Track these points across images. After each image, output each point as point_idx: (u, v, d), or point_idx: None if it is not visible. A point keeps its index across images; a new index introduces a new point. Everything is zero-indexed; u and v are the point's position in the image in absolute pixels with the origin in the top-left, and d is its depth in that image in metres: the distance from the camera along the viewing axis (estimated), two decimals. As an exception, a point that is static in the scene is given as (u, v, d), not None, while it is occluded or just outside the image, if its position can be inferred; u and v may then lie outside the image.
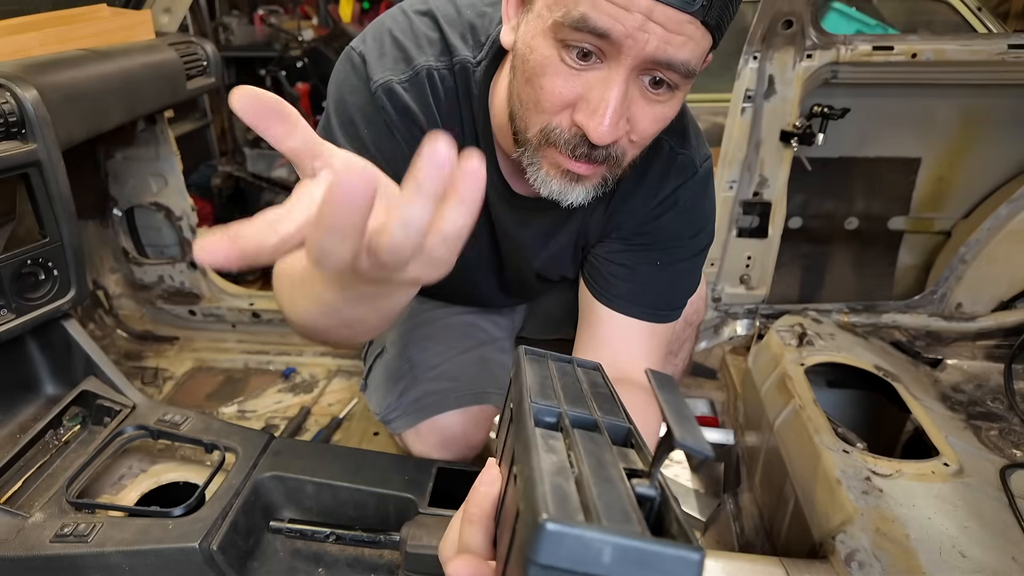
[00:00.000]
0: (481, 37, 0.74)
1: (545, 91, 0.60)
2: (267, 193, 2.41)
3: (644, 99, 0.60)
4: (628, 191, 0.80)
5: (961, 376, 1.44)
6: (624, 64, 0.56)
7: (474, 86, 0.73)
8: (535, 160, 0.66)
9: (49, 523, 0.73)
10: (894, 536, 0.90)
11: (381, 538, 0.75)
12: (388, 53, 0.73)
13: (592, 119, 0.58)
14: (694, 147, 0.80)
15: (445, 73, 0.73)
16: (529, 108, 0.63)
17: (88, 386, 0.94)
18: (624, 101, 0.58)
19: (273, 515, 0.79)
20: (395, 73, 0.72)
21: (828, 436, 1.09)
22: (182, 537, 0.71)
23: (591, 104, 0.58)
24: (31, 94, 0.96)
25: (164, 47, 1.40)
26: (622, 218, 0.82)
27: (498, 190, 0.79)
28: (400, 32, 0.74)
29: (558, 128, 0.62)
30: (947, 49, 1.38)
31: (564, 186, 0.65)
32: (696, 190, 0.80)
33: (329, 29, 2.68)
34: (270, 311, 1.83)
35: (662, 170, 0.79)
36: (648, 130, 0.62)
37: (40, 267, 0.99)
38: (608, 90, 0.57)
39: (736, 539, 1.19)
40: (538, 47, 0.59)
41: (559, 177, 0.65)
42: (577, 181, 0.65)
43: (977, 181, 1.64)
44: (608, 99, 0.57)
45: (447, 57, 0.73)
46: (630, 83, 0.58)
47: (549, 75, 0.59)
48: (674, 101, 0.62)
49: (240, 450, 0.82)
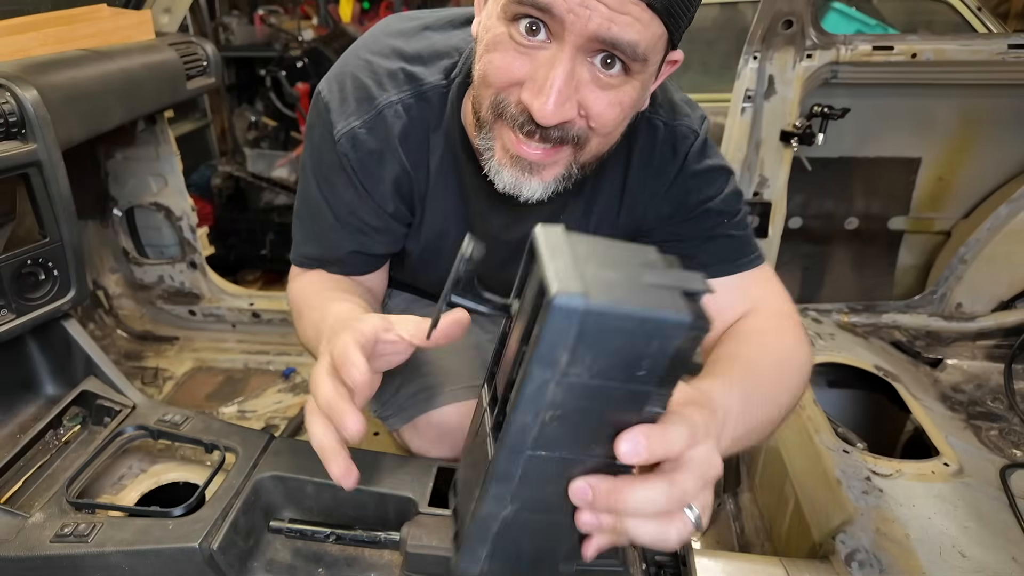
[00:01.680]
0: (454, 57, 0.76)
1: (494, 65, 0.61)
2: (267, 193, 2.41)
3: (595, 83, 0.60)
4: (640, 180, 0.80)
5: (961, 376, 1.44)
6: (568, 42, 0.57)
7: (448, 105, 0.75)
8: (490, 144, 0.67)
9: (49, 523, 0.73)
10: (894, 536, 0.91)
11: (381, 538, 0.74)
12: (349, 97, 0.76)
13: (537, 98, 0.59)
14: (686, 114, 0.80)
15: (411, 102, 0.75)
16: (482, 85, 0.64)
17: (88, 386, 0.94)
18: (571, 81, 0.59)
19: (273, 515, 0.79)
20: (358, 116, 0.75)
21: (828, 436, 1.09)
22: (182, 537, 0.71)
23: (536, 83, 0.59)
24: (31, 94, 0.95)
25: (164, 47, 1.40)
26: (643, 210, 0.82)
27: (487, 194, 0.79)
28: (361, 71, 0.77)
29: (505, 102, 0.63)
30: (947, 49, 1.39)
31: (517, 176, 0.65)
32: (706, 147, 0.80)
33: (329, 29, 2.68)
34: (270, 311, 1.83)
35: (667, 146, 0.79)
36: (605, 115, 0.62)
37: (40, 267, 0.98)
38: (553, 68, 0.58)
39: (736, 539, 1.19)
40: (492, 27, 0.61)
41: (511, 165, 0.66)
42: (531, 171, 0.65)
43: (977, 181, 1.65)
44: (552, 78, 0.58)
45: (411, 86, 0.75)
46: (577, 64, 0.59)
47: (499, 51, 0.61)
48: (629, 87, 0.62)
49: (240, 450, 0.81)
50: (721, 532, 1.22)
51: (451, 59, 0.77)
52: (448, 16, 0.82)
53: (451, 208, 0.82)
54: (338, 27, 2.62)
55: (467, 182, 0.79)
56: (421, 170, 0.79)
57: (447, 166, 0.79)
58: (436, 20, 0.82)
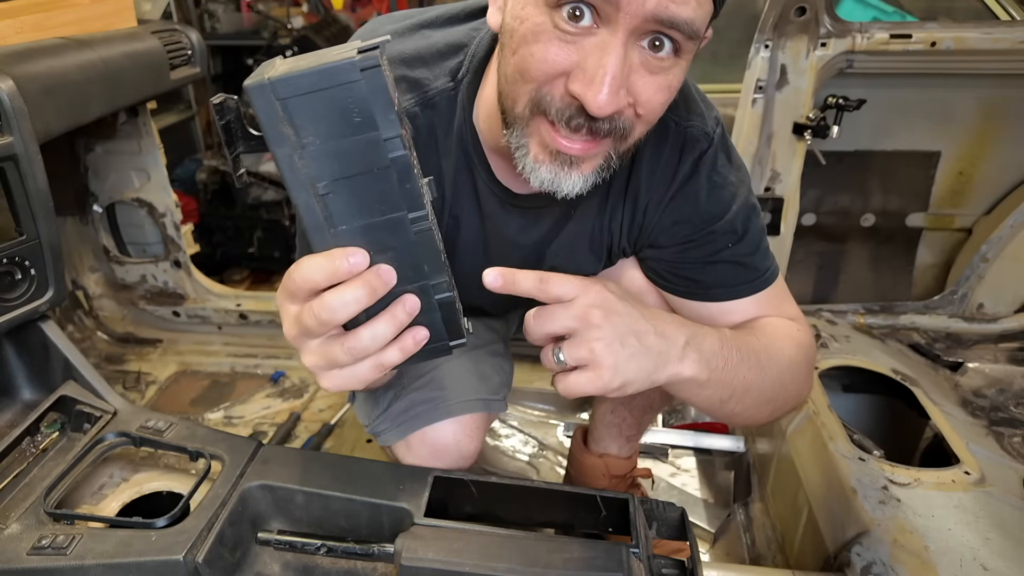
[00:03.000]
0: (459, 56, 0.73)
1: (536, 58, 0.58)
2: (255, 189, 2.38)
3: (645, 67, 0.57)
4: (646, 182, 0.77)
5: (983, 380, 1.42)
6: (623, 25, 0.54)
7: (458, 108, 0.73)
8: (523, 142, 0.63)
9: (26, 535, 0.72)
10: (912, 548, 0.89)
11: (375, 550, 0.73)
12: None
13: (590, 88, 0.55)
14: (700, 113, 0.77)
15: (416, 111, 0.73)
16: (517, 81, 0.60)
17: (67, 391, 0.93)
18: (624, 68, 0.56)
19: (261, 526, 0.78)
20: None
21: (843, 443, 1.08)
22: (166, 549, 0.69)
23: (588, 72, 0.56)
24: (7, 84, 0.94)
25: (147, 35, 1.39)
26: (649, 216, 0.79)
27: (497, 198, 0.77)
28: None
29: (549, 96, 0.59)
30: (968, 37, 1.37)
31: (556, 172, 0.62)
32: (718, 158, 0.77)
33: (320, 16, 2.64)
34: (258, 312, 1.81)
35: (675, 150, 0.76)
36: (654, 100, 0.59)
37: (16, 266, 0.97)
38: (606, 55, 0.55)
39: (747, 551, 1.18)
40: (529, 16, 0.58)
41: (549, 161, 0.62)
42: (571, 166, 0.62)
43: (999, 176, 1.62)
44: (606, 65, 0.55)
45: (415, 94, 0.73)
46: (629, 49, 0.56)
47: (541, 42, 0.57)
48: (677, 69, 0.59)
49: (227, 458, 0.80)
50: (731, 543, 1.21)
51: (456, 58, 0.74)
52: (446, 12, 0.79)
53: (467, 213, 0.80)
54: (329, 14, 2.59)
55: (481, 186, 0.77)
56: (435, 179, 0.77)
57: (461, 171, 0.77)
58: (433, 17, 0.79)
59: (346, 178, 0.45)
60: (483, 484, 0.77)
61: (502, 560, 0.66)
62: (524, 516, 0.79)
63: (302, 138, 0.43)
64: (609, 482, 1.13)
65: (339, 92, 0.42)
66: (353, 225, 0.47)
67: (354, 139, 0.44)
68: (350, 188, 0.46)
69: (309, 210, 0.46)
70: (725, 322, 0.79)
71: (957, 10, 1.91)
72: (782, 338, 0.76)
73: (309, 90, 0.42)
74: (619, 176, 0.78)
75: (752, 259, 0.79)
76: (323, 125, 0.43)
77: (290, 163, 0.44)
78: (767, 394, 0.72)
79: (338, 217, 0.47)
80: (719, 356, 0.65)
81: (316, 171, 0.45)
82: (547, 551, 0.67)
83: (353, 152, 0.45)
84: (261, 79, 0.42)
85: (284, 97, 0.42)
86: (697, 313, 0.82)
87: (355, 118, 0.43)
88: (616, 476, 1.14)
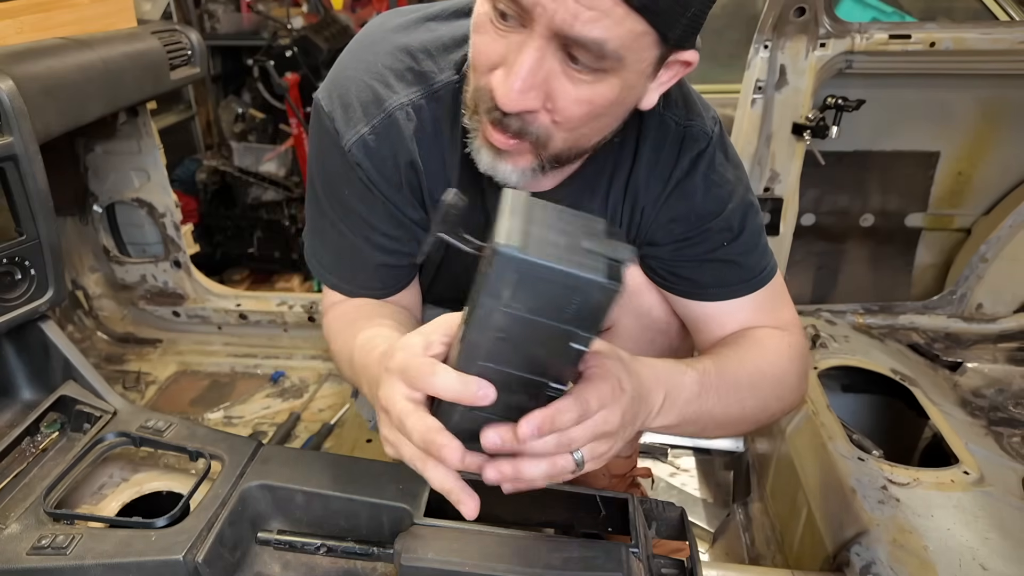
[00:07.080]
0: (464, 48, 0.73)
1: (476, 48, 0.62)
2: (255, 188, 2.38)
3: (566, 75, 0.58)
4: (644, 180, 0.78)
5: (982, 380, 1.42)
6: (537, 31, 0.56)
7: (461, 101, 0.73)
8: (475, 126, 0.66)
9: (26, 535, 0.72)
10: (912, 548, 0.89)
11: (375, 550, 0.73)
12: (353, 103, 0.73)
13: (503, 83, 0.58)
14: (699, 113, 0.77)
15: (422, 103, 0.73)
16: (471, 68, 0.65)
17: (67, 391, 0.93)
18: (538, 70, 0.57)
19: (261, 526, 0.78)
20: (366, 122, 0.73)
21: (842, 443, 1.08)
22: (166, 549, 0.69)
23: (506, 67, 0.58)
24: (7, 84, 0.94)
25: (146, 35, 1.38)
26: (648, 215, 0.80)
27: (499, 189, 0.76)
28: (364, 74, 0.74)
29: (481, 89, 0.62)
30: (967, 38, 1.36)
31: (492, 160, 0.66)
32: (716, 156, 0.78)
33: (320, 16, 2.63)
34: (258, 312, 1.81)
35: (674, 148, 0.77)
36: (571, 110, 0.60)
37: (16, 266, 0.97)
38: (521, 54, 0.57)
39: (746, 551, 1.18)
40: (478, 7, 0.61)
41: (486, 147, 0.65)
42: (502, 157, 0.65)
43: (998, 176, 1.62)
44: (519, 63, 0.57)
45: (420, 86, 0.73)
46: (547, 53, 0.57)
47: (479, 32, 0.61)
48: (604, 86, 0.59)
49: (226, 458, 0.80)
50: (731, 543, 1.21)
51: (460, 51, 0.74)
52: (451, 6, 0.80)
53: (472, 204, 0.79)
54: (329, 14, 2.58)
55: (484, 178, 0.77)
56: (439, 171, 0.77)
57: (465, 163, 0.77)
58: (439, 11, 0.79)
59: (522, 337, 0.47)
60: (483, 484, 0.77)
61: (502, 560, 0.66)
62: (524, 516, 0.78)
63: (512, 302, 0.45)
64: (609, 482, 1.13)
65: (570, 293, 0.44)
66: (501, 368, 0.49)
67: (554, 323, 0.46)
68: (520, 347, 0.48)
69: (475, 343, 0.48)
70: (720, 327, 0.80)
71: (956, 10, 1.91)
72: (771, 354, 0.76)
73: (550, 280, 0.43)
74: (619, 175, 0.79)
75: (749, 258, 0.79)
76: (538, 303, 0.44)
77: (488, 313, 0.45)
78: (748, 420, 0.74)
79: (495, 357, 0.49)
80: (694, 403, 0.66)
81: (505, 325, 0.46)
82: (547, 551, 0.67)
83: (545, 330, 0.46)
84: (515, 250, 0.42)
85: (524, 273, 0.43)
86: (695, 315, 0.82)
87: (566, 313, 0.45)
88: (616, 476, 1.14)
